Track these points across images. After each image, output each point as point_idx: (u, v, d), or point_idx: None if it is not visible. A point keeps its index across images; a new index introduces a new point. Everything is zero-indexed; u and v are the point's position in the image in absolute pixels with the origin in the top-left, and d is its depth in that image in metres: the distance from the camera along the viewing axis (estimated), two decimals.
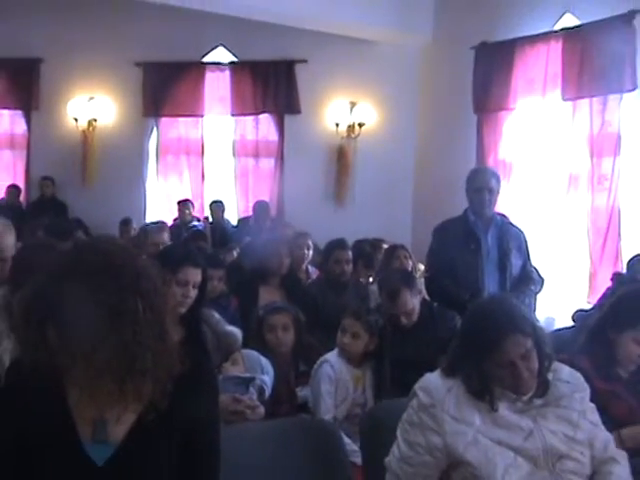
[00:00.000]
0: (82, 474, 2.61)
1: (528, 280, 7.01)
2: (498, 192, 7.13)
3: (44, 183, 14.55)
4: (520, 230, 7.29)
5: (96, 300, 2.47)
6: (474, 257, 6.81)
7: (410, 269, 8.00)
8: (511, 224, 7.46)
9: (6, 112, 15.19)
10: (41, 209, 13.33)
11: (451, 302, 6.24)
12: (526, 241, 7.16)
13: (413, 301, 5.77)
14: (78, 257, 2.61)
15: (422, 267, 8.30)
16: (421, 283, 6.80)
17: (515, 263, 6.91)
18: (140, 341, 2.50)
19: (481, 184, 6.91)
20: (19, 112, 15.09)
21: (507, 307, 3.35)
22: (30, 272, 3.43)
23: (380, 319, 5.71)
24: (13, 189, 14.51)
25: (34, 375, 2.56)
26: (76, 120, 14.68)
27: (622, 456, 3.38)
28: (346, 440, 4.40)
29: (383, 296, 5.93)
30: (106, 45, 14.17)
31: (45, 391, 2.61)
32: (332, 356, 5.38)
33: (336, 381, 5.27)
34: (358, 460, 3.98)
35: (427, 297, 6.72)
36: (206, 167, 14.71)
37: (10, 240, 4.88)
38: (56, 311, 2.48)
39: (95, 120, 14.70)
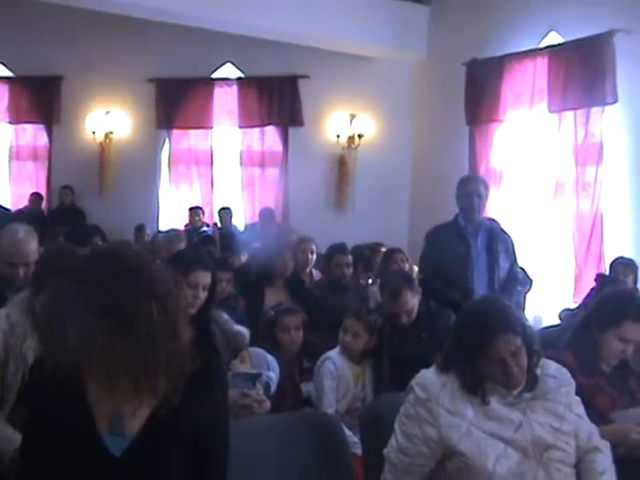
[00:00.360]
0: (100, 464, 2.60)
1: (515, 281, 7.02)
2: (486, 198, 7.14)
3: (64, 192, 14.58)
4: (507, 234, 7.29)
5: (113, 302, 2.47)
6: (464, 259, 6.81)
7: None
8: (499, 228, 7.45)
9: (29, 126, 15.22)
10: (61, 216, 13.35)
11: (443, 302, 6.23)
12: (513, 244, 7.16)
13: (413, 301, 5.76)
14: (96, 262, 2.62)
15: (417, 269, 8.29)
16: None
17: (503, 265, 6.91)
18: (154, 341, 2.50)
19: (470, 191, 6.91)
20: (41, 126, 15.13)
21: (498, 307, 3.35)
22: (51, 276, 3.43)
23: (379, 319, 5.72)
24: (36, 197, 14.52)
25: (56, 372, 2.56)
26: (94, 133, 14.72)
27: (605, 446, 3.39)
28: (347, 432, 4.40)
29: (385, 296, 5.92)
30: (121, 63, 14.20)
31: (66, 387, 2.61)
32: (334, 353, 5.38)
33: (338, 377, 5.28)
34: (358, 451, 3.97)
35: None
36: (215, 176, 14.70)
37: (33, 246, 4.89)
38: (75, 313, 2.48)
39: (111, 133, 14.73)
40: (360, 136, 13.77)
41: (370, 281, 8.40)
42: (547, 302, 10.06)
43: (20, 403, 3.79)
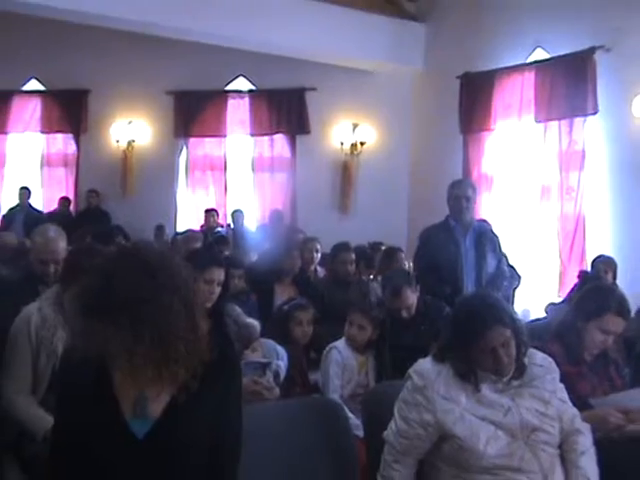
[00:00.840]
0: (125, 445, 2.62)
1: (501, 277, 7.00)
2: (475, 200, 7.12)
3: (90, 195, 14.58)
4: (495, 234, 7.27)
5: (136, 296, 2.48)
6: (454, 257, 6.79)
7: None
8: (487, 228, 7.43)
9: (59, 135, 15.24)
10: (88, 217, 13.35)
11: (435, 296, 6.23)
12: (499, 243, 7.14)
13: (412, 297, 5.77)
14: (121, 259, 2.63)
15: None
16: None
17: (490, 262, 6.88)
18: (175, 332, 2.52)
19: (459, 193, 6.88)
20: (70, 135, 15.14)
21: (490, 302, 3.35)
22: (78, 272, 3.44)
23: (381, 312, 5.73)
24: (64, 201, 14.56)
25: (84, 361, 2.58)
26: (117, 141, 14.76)
27: (586, 428, 3.40)
28: (350, 416, 4.41)
29: (387, 293, 5.92)
30: (142, 77, 14.23)
31: (93, 375, 2.63)
32: (340, 343, 5.39)
33: (343, 365, 5.28)
34: (360, 433, 3.97)
35: None
36: (228, 180, 14.68)
37: (62, 245, 4.91)
38: (101, 307, 2.48)
39: (133, 141, 14.74)
40: (362, 143, 13.75)
41: (371, 277, 8.40)
42: (534, 297, 10.08)
43: (51, 390, 3.80)
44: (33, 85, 15.25)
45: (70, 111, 15.01)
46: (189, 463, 2.68)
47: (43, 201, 14.95)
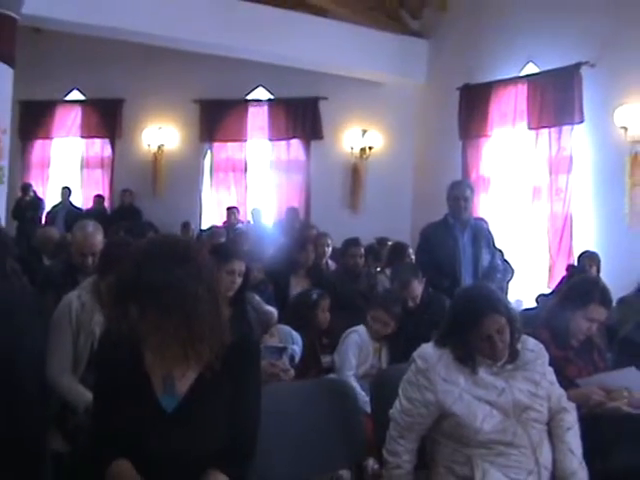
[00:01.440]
0: (155, 419, 2.64)
1: (495, 270, 6.96)
2: (472, 200, 7.07)
3: (124, 194, 14.64)
4: (489, 231, 7.23)
5: (165, 282, 2.50)
6: (453, 252, 6.74)
7: None
8: (483, 226, 7.40)
9: (97, 140, 15.34)
10: (121, 214, 13.38)
11: (435, 288, 6.22)
12: (493, 240, 7.10)
13: (419, 288, 5.78)
14: (152, 248, 2.65)
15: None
16: None
17: (485, 257, 6.84)
18: (200, 316, 2.53)
19: (457, 194, 6.84)
20: (107, 140, 15.24)
21: (486, 292, 3.36)
22: (113, 263, 3.46)
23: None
24: (98, 199, 14.62)
25: (119, 342, 2.60)
26: (149, 145, 14.82)
27: (572, 407, 3.40)
28: (362, 393, 4.41)
29: (395, 284, 5.92)
30: (171, 87, 14.28)
31: (127, 354, 2.65)
32: (361, 328, 5.33)
33: (360, 347, 5.25)
34: (369, 409, 3.97)
35: None
36: (248, 181, 14.70)
37: (100, 238, 4.93)
38: (134, 291, 2.51)
39: (163, 145, 14.79)
40: (370, 148, 13.76)
41: (379, 270, 8.39)
42: (526, 288, 10.05)
43: (89, 369, 3.82)
44: (75, 95, 15.42)
45: (107, 118, 15.12)
46: (212, 436, 2.69)
47: (82, 199, 15.04)
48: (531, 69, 10.98)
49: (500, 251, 7.44)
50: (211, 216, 14.49)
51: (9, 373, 2.60)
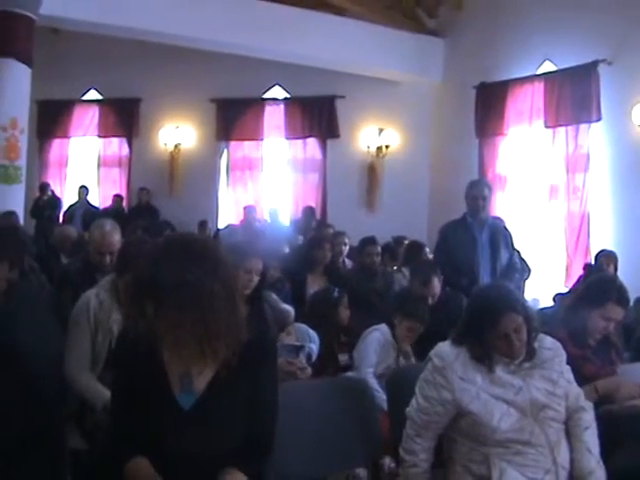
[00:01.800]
0: (173, 416, 2.66)
1: (513, 269, 6.93)
2: (490, 199, 7.05)
3: (141, 193, 14.71)
4: (507, 230, 7.20)
5: (182, 280, 2.50)
6: (471, 251, 6.72)
7: None
8: (501, 225, 7.38)
9: (115, 139, 15.44)
10: (139, 213, 13.42)
11: (452, 286, 6.20)
12: (512, 239, 7.06)
13: (438, 286, 5.76)
14: (168, 247, 2.66)
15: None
16: None
17: (503, 256, 6.83)
18: (216, 313, 2.54)
19: (475, 193, 6.81)
20: (124, 139, 15.33)
21: (503, 291, 3.34)
22: (131, 261, 3.47)
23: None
24: (117, 198, 14.70)
25: (137, 341, 2.62)
26: (165, 144, 14.89)
27: (589, 406, 3.39)
28: (380, 390, 4.40)
29: (415, 282, 5.88)
30: (188, 87, 14.33)
31: (145, 352, 2.66)
32: (383, 327, 5.27)
33: (382, 346, 5.21)
34: (387, 407, 3.96)
35: None
36: (265, 180, 14.75)
37: (117, 237, 4.94)
38: (151, 288, 2.53)
39: (180, 144, 14.85)
40: (387, 147, 13.76)
41: (395, 268, 8.38)
42: (543, 287, 10.03)
43: (107, 367, 3.84)
44: (92, 95, 15.50)
45: (124, 117, 15.20)
46: (230, 433, 2.71)
47: (100, 198, 15.10)
48: (548, 67, 10.95)
49: (517, 250, 7.40)
50: (228, 215, 14.52)
51: (28, 371, 2.62)
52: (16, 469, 2.50)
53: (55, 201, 13.92)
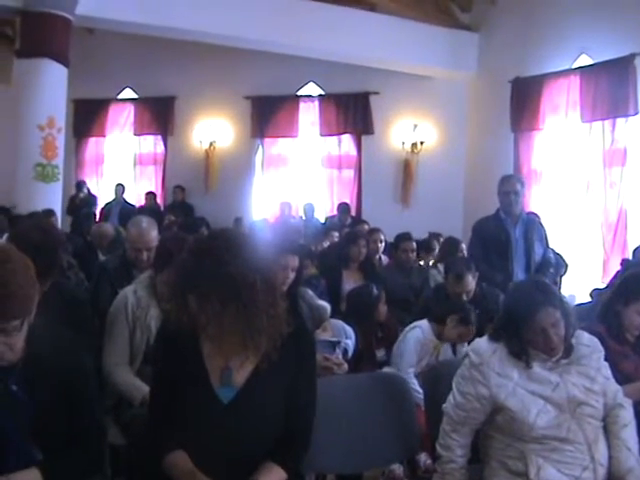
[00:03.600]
0: (212, 410, 2.69)
1: (548, 265, 6.88)
2: (523, 194, 7.01)
3: (176, 190, 14.84)
4: (542, 225, 7.16)
5: (225, 274, 2.53)
6: (505, 247, 6.69)
7: None
8: (535, 220, 7.33)
9: (150, 137, 15.62)
10: (174, 210, 13.50)
11: (487, 282, 6.18)
12: (546, 234, 7.02)
13: (473, 283, 5.73)
14: (212, 241, 2.68)
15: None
16: None
17: (537, 252, 6.79)
18: (257, 306, 2.57)
19: (508, 189, 6.78)
20: (159, 137, 15.49)
21: (541, 286, 3.31)
22: (169, 258, 3.49)
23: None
24: (150, 195, 14.84)
25: (177, 334, 2.66)
26: (200, 142, 15.02)
27: (628, 403, 3.35)
28: (419, 389, 4.37)
29: (450, 278, 5.85)
30: (222, 84, 14.42)
31: (185, 346, 2.70)
32: (424, 324, 5.24)
33: (422, 344, 5.18)
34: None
35: None
36: (300, 177, 14.78)
37: (154, 234, 4.97)
38: (194, 282, 2.56)
39: (215, 141, 14.96)
40: (422, 142, 13.77)
41: (430, 264, 8.37)
42: (580, 283, 9.95)
43: (146, 362, 3.86)
44: (127, 93, 15.67)
45: (159, 115, 15.35)
46: (269, 427, 2.73)
47: (136, 196, 15.21)
48: (584, 61, 10.85)
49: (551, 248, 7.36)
50: (263, 211, 14.55)
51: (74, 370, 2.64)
52: (59, 466, 2.52)
53: (91, 199, 14.06)
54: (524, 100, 11.71)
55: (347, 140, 14.38)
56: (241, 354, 2.68)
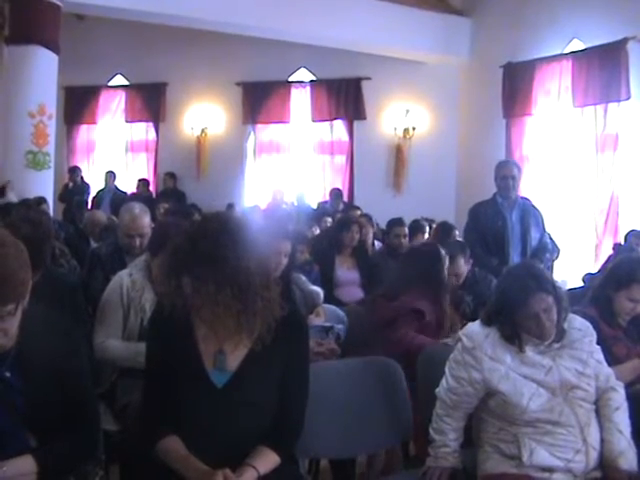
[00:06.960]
0: (206, 394, 2.70)
1: (544, 250, 6.93)
2: (519, 179, 7.05)
3: (167, 177, 14.81)
4: (538, 210, 7.19)
5: (220, 256, 2.54)
6: (501, 231, 6.73)
7: None
8: (531, 205, 7.36)
9: (141, 124, 15.57)
10: (166, 197, 13.47)
11: (483, 267, 6.20)
12: (542, 219, 7.06)
13: (464, 267, 5.72)
14: (207, 223, 2.69)
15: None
16: None
17: (534, 236, 6.82)
18: (252, 288, 2.58)
19: (506, 173, 6.82)
20: (151, 123, 15.46)
21: (533, 271, 3.32)
22: (164, 242, 3.49)
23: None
24: (142, 182, 14.80)
25: (171, 318, 2.66)
26: (192, 128, 15.00)
27: (619, 385, 3.36)
28: None
29: None
30: (214, 70, 14.40)
31: (179, 329, 2.71)
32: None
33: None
34: None
35: None
36: (292, 163, 14.78)
37: (146, 220, 4.99)
38: (189, 264, 2.58)
39: (206, 128, 14.95)
40: (414, 128, 13.76)
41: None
42: (572, 267, 9.99)
43: (141, 340, 3.86)
44: (118, 80, 15.62)
45: (150, 102, 15.31)
46: (262, 411, 2.74)
47: (128, 183, 15.16)
48: (576, 46, 10.87)
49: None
50: (255, 198, 14.50)
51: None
52: (54, 451, 2.52)
53: (84, 187, 14.02)
54: (516, 85, 11.73)
55: (339, 126, 14.37)
56: (235, 338, 2.69)
